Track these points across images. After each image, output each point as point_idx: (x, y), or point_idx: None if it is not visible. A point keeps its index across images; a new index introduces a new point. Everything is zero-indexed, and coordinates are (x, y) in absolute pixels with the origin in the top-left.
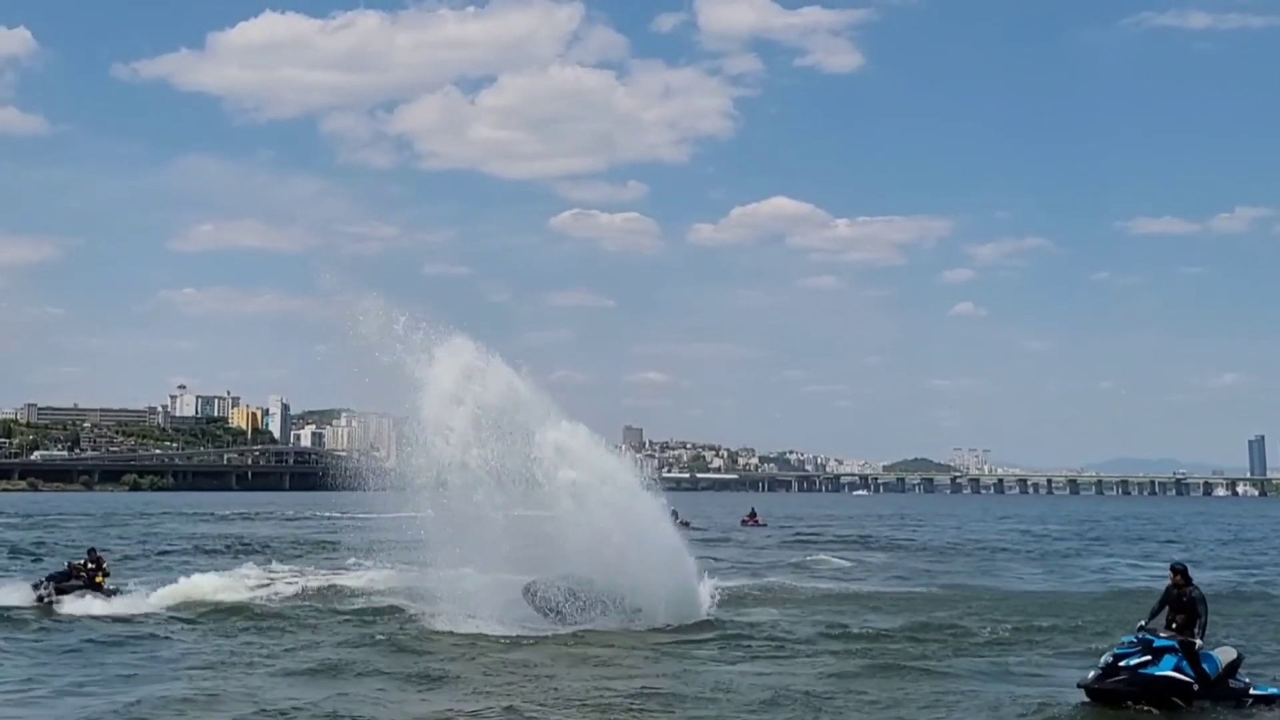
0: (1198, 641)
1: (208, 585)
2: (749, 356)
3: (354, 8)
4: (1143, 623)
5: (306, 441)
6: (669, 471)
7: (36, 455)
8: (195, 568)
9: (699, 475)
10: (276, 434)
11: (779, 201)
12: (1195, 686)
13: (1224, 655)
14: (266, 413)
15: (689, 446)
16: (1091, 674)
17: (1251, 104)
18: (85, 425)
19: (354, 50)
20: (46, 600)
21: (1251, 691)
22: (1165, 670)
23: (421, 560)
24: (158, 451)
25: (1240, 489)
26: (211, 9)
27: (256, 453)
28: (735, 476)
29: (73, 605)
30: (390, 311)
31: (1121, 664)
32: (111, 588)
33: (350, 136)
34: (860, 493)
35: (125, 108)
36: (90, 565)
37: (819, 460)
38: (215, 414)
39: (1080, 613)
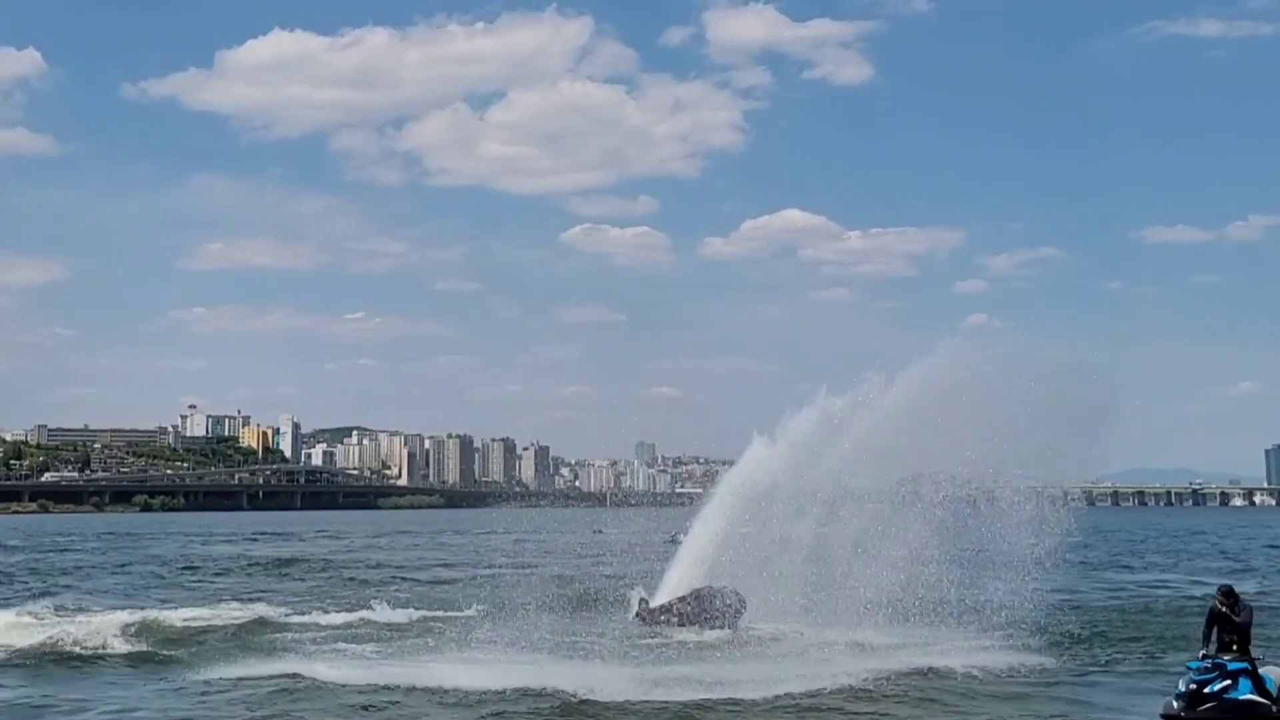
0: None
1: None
2: (761, 370)
3: (363, 25)
4: (1205, 650)
5: (318, 460)
6: (682, 487)
7: (47, 477)
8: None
9: (712, 490)
10: (288, 453)
11: (790, 214)
12: (1275, 709)
13: (1275, 674)
14: (277, 432)
15: (702, 461)
16: (1177, 704)
17: (1264, 111)
18: (96, 446)
19: (363, 67)
20: None
21: None
22: (1246, 694)
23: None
24: (169, 472)
25: (1258, 498)
26: (220, 27)
27: (268, 472)
28: None
29: None
30: None
31: (1206, 690)
32: None
33: (359, 154)
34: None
35: (134, 127)
36: None
37: None
38: (226, 434)
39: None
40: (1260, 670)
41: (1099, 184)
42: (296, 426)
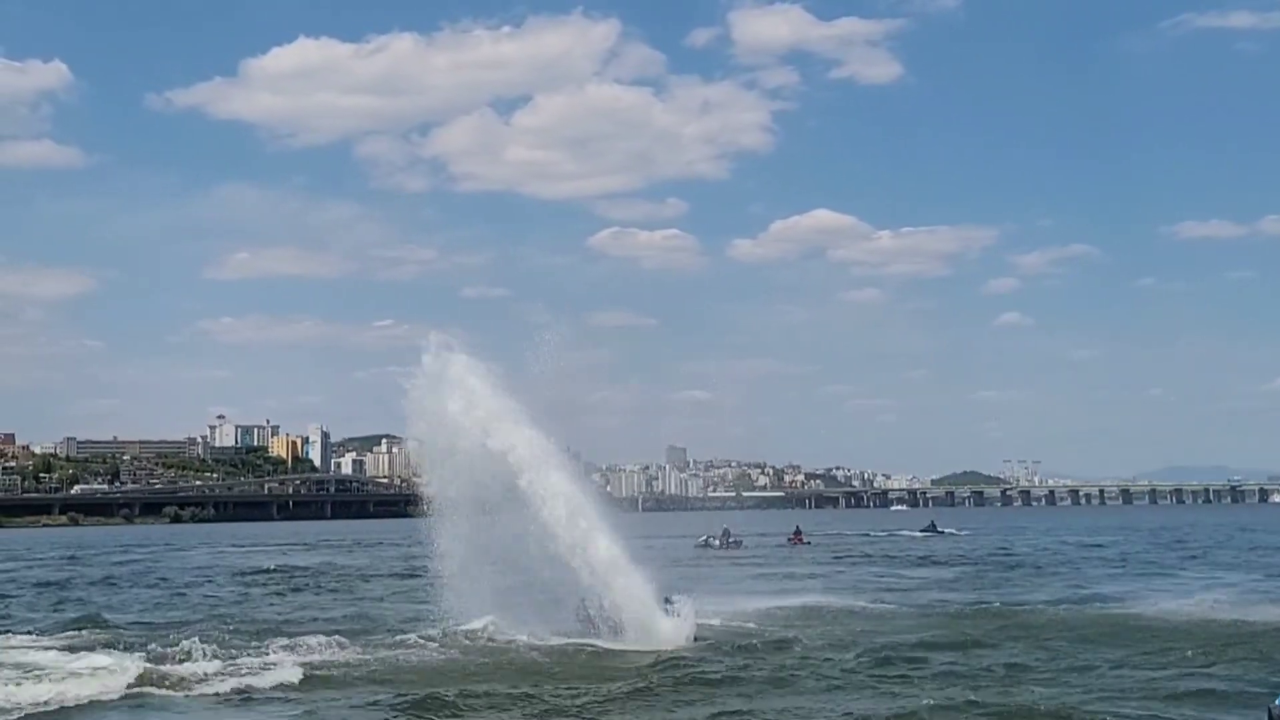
0: None
1: None
2: (792, 372)
3: (388, 31)
4: None
5: (347, 469)
6: (714, 490)
7: (76, 489)
8: None
9: (745, 494)
10: (317, 462)
11: (820, 214)
12: None
13: None
14: (306, 441)
15: (734, 465)
16: None
17: None
18: (125, 458)
19: (388, 74)
20: None
21: None
22: None
23: None
24: (198, 483)
25: None
26: (245, 36)
27: (297, 482)
28: (781, 494)
29: None
30: None
31: None
32: None
33: (385, 160)
34: (899, 508)
35: (160, 137)
36: None
37: (866, 476)
38: (255, 443)
39: None
40: None
41: (1131, 179)
42: (325, 435)
